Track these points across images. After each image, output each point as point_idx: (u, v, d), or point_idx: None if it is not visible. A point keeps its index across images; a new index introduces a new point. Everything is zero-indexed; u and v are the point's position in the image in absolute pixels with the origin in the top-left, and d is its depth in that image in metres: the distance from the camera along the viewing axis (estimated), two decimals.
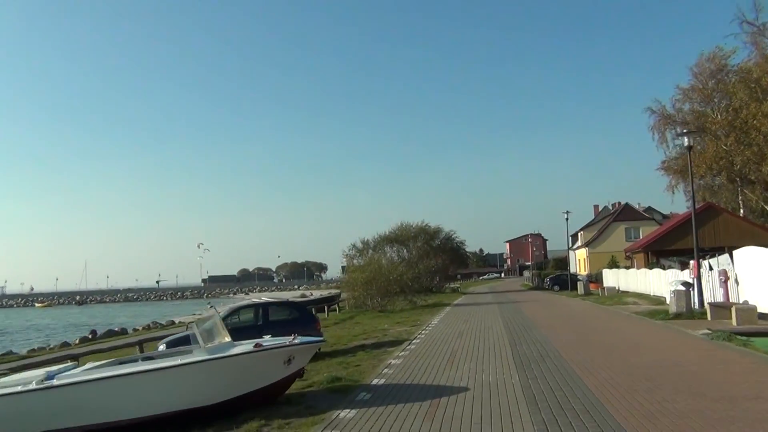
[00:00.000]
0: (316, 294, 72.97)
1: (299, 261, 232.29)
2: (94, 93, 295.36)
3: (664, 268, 32.60)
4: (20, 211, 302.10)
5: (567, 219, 46.43)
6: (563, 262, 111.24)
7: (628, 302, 28.49)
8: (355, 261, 60.61)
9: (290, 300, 16.15)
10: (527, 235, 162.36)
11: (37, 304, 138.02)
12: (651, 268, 32.77)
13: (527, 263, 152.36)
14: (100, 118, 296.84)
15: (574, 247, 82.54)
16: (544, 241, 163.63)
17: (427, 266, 60.65)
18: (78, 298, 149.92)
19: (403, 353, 14.19)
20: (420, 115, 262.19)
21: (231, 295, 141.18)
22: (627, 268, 50.39)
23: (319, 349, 15.01)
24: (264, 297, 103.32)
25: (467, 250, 64.94)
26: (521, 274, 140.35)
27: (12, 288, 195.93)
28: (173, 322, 42.31)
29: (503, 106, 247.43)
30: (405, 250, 61.61)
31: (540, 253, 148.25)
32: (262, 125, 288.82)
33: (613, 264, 54.29)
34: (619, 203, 76.68)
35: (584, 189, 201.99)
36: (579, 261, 76.29)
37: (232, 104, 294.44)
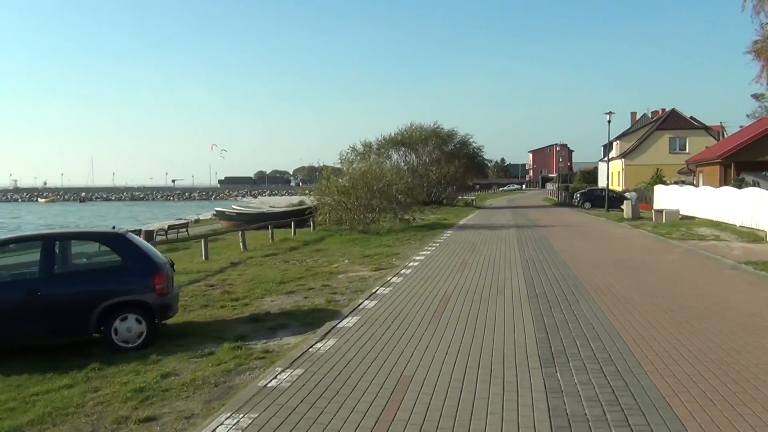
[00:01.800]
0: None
1: (316, 165, 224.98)
2: None
3: (742, 186, 24.39)
4: (29, 105, 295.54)
5: (609, 122, 37.49)
6: (591, 175, 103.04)
7: (706, 235, 20.38)
8: (354, 166, 53.07)
9: (126, 232, 8.23)
10: (552, 145, 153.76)
11: (40, 200, 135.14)
12: (739, 186, 24.15)
13: (551, 175, 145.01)
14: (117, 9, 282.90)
15: (607, 158, 73.69)
16: (570, 152, 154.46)
17: (438, 174, 52.91)
18: (83, 194, 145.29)
19: (294, 368, 6.64)
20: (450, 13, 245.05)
21: (239, 197, 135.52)
22: (680, 183, 42.08)
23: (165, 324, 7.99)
24: (260, 200, 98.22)
25: (485, 157, 56.41)
26: (543, 187, 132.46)
27: (25, 182, 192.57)
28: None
29: (529, 6, 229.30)
30: (414, 156, 53.58)
31: (565, 164, 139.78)
32: (291, 17, 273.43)
33: (658, 179, 45.89)
34: (663, 110, 67.04)
35: (617, 97, 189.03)
36: (612, 174, 67.61)
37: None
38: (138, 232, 24.87)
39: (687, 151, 57.48)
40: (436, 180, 53.17)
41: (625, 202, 27.60)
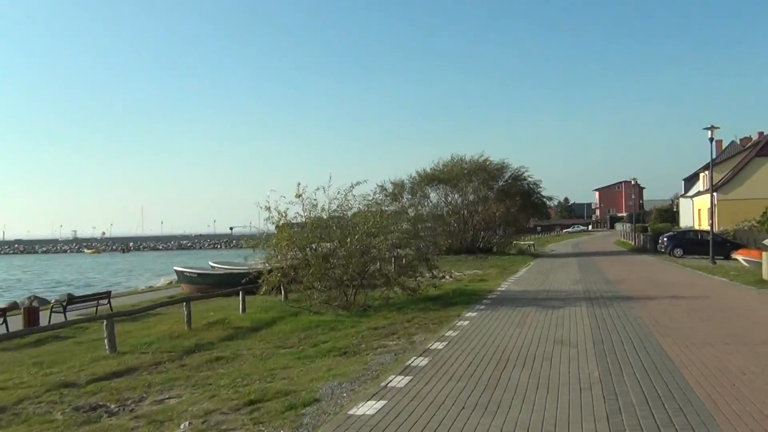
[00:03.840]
0: None
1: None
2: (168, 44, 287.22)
3: None
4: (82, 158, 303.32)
5: (712, 139, 26.85)
6: (668, 213, 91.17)
7: None
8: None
9: None
10: (621, 183, 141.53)
11: (86, 251, 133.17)
12: None
13: (620, 214, 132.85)
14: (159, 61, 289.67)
15: (690, 193, 62.66)
16: (641, 189, 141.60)
17: (485, 215, 43.80)
18: (129, 244, 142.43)
19: None
20: (498, 48, 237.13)
21: None
22: None
23: None
24: None
25: (544, 194, 46.81)
26: (612, 227, 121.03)
27: (85, 233, 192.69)
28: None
29: (593, 40, 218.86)
30: (457, 195, 44.73)
31: (636, 202, 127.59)
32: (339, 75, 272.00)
33: None
34: (761, 133, 56.03)
35: (690, 128, 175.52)
36: (697, 212, 56.50)
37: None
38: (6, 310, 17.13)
39: None
40: (484, 222, 44.03)
41: (765, 254, 17.62)
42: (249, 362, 10.14)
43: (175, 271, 26.67)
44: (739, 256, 26.00)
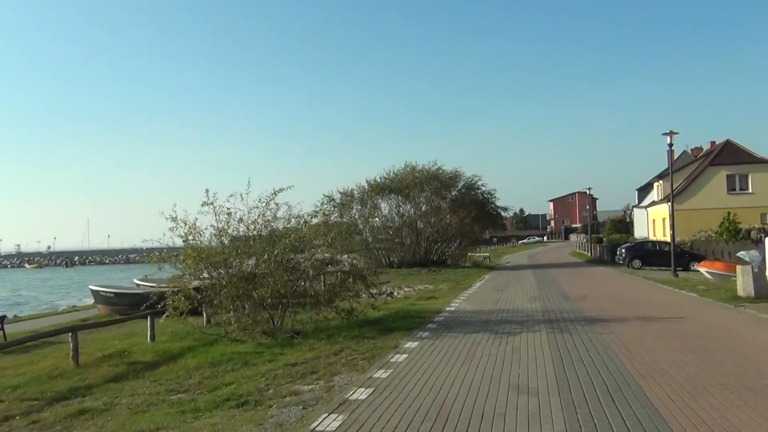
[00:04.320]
0: None
1: None
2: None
3: None
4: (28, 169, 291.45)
5: (671, 145, 25.47)
6: (622, 224, 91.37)
7: None
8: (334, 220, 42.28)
9: None
10: (574, 194, 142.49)
11: (27, 266, 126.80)
12: None
13: (574, 225, 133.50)
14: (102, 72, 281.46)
15: (644, 203, 62.26)
16: (594, 200, 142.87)
17: (438, 227, 41.95)
18: (66, 259, 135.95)
19: None
20: (453, 56, 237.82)
21: None
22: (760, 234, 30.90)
23: None
24: None
25: (499, 204, 45.17)
26: (567, 238, 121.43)
27: (30, 247, 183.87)
28: None
29: (539, 51, 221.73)
30: (409, 205, 42.65)
31: (590, 213, 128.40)
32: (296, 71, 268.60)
33: (731, 226, 34.46)
34: (714, 143, 55.84)
35: (641, 138, 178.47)
36: (652, 222, 55.98)
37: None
38: None
39: (750, 190, 46.12)
40: (437, 234, 42.12)
41: (739, 267, 15.98)
42: (118, 418, 7.78)
43: (91, 290, 23.69)
44: (702, 268, 24.67)
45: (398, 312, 15.29)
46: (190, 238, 13.15)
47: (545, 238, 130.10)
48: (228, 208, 12.82)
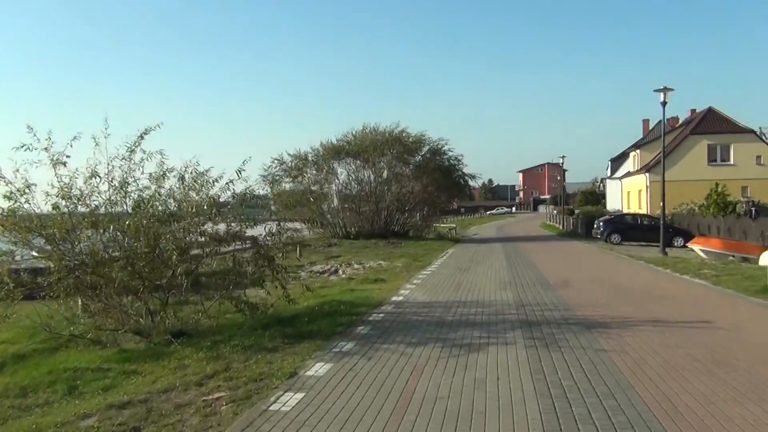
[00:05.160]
0: None
1: None
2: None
3: None
4: None
5: (665, 103, 21.90)
6: (594, 196, 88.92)
7: None
8: (285, 186, 38.19)
9: None
10: (543, 165, 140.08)
11: None
12: None
13: (543, 197, 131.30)
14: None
15: (618, 174, 59.34)
16: (564, 171, 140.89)
17: (398, 195, 38.23)
18: None
19: None
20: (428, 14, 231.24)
21: None
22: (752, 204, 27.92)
23: None
24: None
25: (466, 171, 41.41)
26: (536, 209, 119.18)
27: None
28: None
29: (517, 21, 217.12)
30: (369, 171, 38.71)
31: (559, 185, 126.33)
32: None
33: (719, 198, 31.49)
34: (694, 110, 52.83)
35: (616, 107, 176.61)
36: (628, 194, 53.11)
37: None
38: None
39: (731, 162, 43.31)
40: (398, 203, 38.36)
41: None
42: None
43: None
44: (696, 246, 21.50)
45: (327, 303, 11.49)
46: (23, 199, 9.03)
47: (514, 209, 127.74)
48: (66, 156, 8.72)
